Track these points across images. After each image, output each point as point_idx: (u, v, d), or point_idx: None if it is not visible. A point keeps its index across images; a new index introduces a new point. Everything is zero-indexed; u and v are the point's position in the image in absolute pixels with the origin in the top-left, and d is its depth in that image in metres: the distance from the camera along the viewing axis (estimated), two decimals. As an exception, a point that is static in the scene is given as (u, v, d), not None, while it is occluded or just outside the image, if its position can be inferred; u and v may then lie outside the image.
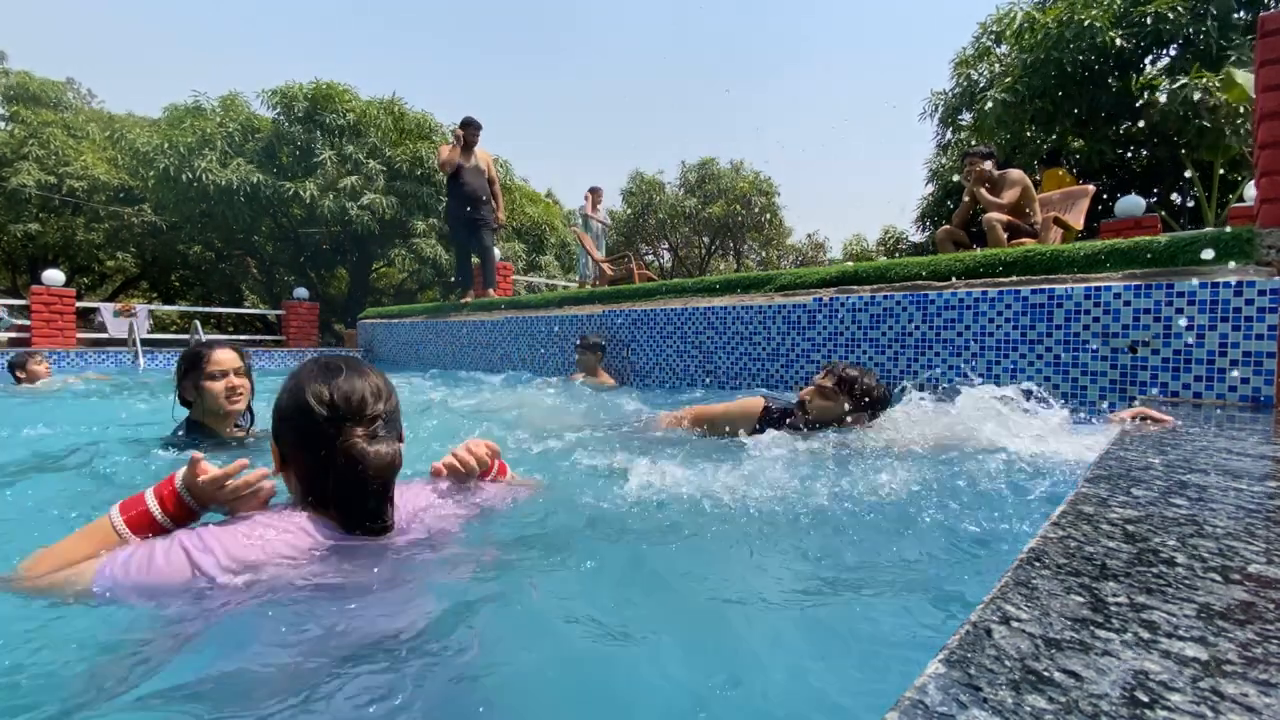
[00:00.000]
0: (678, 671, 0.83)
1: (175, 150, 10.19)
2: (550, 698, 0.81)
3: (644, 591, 1.09)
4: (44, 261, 13.93)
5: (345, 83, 11.52)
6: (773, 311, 4.00)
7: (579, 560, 1.14)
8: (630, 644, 0.90)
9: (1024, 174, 4.63)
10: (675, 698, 0.78)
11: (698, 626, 0.95)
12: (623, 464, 1.83)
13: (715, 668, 0.84)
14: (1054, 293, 2.91)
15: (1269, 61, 2.66)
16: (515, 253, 13.46)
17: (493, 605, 0.97)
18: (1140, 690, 0.41)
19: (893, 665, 0.85)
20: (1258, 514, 0.85)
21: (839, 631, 0.93)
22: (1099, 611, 0.53)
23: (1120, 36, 8.11)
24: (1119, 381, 2.74)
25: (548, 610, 1.00)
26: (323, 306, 12.01)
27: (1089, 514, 0.83)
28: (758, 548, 1.26)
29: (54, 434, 2.52)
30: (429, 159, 11.82)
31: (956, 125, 11.64)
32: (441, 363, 7.18)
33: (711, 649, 0.89)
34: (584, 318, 5.33)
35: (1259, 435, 1.62)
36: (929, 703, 0.39)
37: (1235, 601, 0.56)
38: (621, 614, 0.99)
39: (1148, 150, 9.47)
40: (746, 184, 20.38)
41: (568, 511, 1.44)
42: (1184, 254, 2.68)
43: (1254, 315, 2.44)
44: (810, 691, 0.80)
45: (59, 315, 7.83)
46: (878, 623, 0.96)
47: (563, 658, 0.87)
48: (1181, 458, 1.26)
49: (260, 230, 12.49)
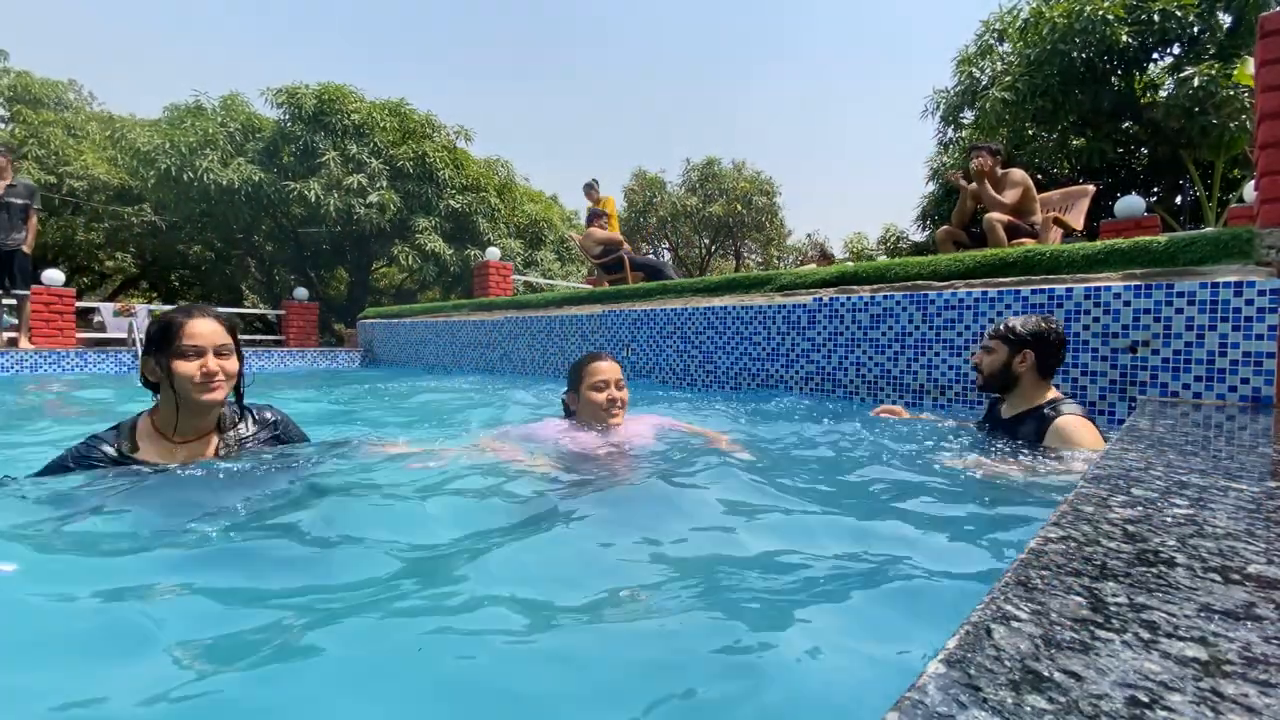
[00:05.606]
0: (677, 670, 0.83)
1: (176, 150, 10.19)
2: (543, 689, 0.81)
3: (639, 583, 1.09)
4: (43, 261, 13.92)
5: (352, 84, 11.59)
6: (773, 311, 4.00)
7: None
8: (626, 640, 0.91)
9: (1025, 174, 4.63)
10: (675, 697, 0.78)
11: (697, 626, 0.95)
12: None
13: (715, 667, 0.84)
14: (1054, 293, 2.91)
15: (1269, 61, 2.66)
16: (514, 250, 13.46)
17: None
18: (1140, 690, 0.41)
19: (893, 665, 0.85)
20: (1258, 514, 0.85)
21: (838, 631, 0.93)
22: (1099, 611, 0.53)
23: (1127, 33, 8.10)
24: (1119, 381, 2.73)
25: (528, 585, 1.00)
26: (323, 306, 12.02)
27: (1089, 514, 0.83)
28: (757, 548, 1.26)
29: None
30: (431, 158, 11.85)
31: (958, 123, 11.64)
32: (442, 363, 7.18)
33: (711, 648, 0.89)
34: (584, 317, 5.33)
35: (1259, 435, 1.62)
36: (929, 703, 0.39)
37: (1235, 601, 0.56)
38: (620, 610, 0.99)
39: (1149, 149, 9.47)
40: (748, 183, 20.39)
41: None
42: (1184, 254, 2.68)
43: (1254, 315, 2.44)
44: (810, 691, 0.80)
45: (58, 315, 7.83)
46: (878, 623, 0.96)
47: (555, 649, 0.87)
48: (1181, 458, 1.26)
49: (260, 230, 12.50)
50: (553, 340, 5.67)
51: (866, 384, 3.54)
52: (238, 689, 0.77)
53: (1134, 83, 8.65)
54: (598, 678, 0.84)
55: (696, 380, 4.43)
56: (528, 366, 5.94)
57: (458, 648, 0.87)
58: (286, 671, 0.81)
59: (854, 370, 3.59)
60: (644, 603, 1.03)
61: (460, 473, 1.78)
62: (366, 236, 12.08)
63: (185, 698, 0.74)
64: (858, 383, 3.57)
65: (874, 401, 3.47)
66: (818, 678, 0.83)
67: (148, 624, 0.90)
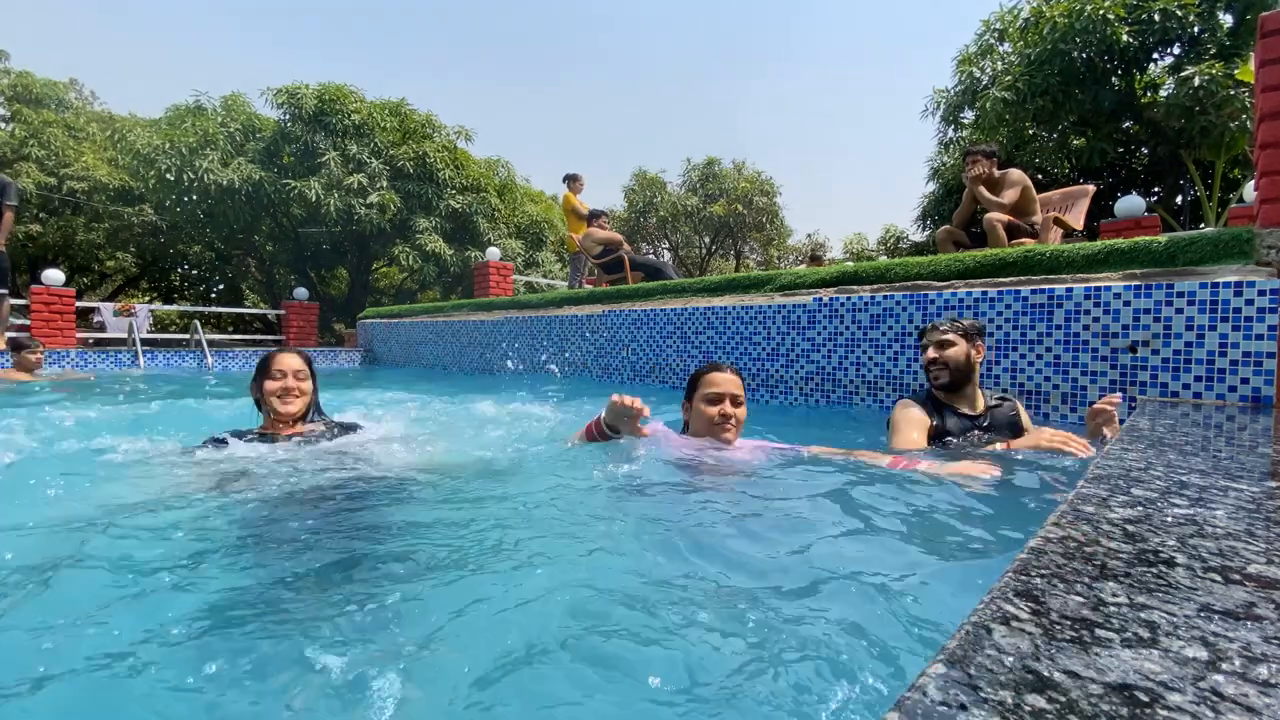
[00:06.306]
0: (675, 670, 0.83)
1: (177, 150, 10.20)
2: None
3: (641, 582, 1.09)
4: (44, 261, 13.93)
5: (352, 85, 11.59)
6: (773, 311, 4.00)
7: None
8: (623, 638, 0.91)
9: (1024, 174, 4.63)
10: (674, 697, 0.79)
11: (696, 624, 0.95)
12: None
13: (715, 666, 0.84)
14: (1054, 293, 2.91)
15: (1269, 61, 2.66)
16: (514, 250, 13.46)
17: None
18: (1140, 691, 0.41)
19: (893, 665, 0.85)
20: (1258, 514, 0.85)
21: (838, 631, 0.93)
22: (1099, 611, 0.53)
23: (1127, 33, 8.10)
24: (1119, 381, 2.73)
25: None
26: (323, 306, 12.02)
27: (1089, 514, 0.83)
28: (756, 547, 1.26)
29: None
30: (431, 158, 11.85)
31: (959, 123, 11.64)
32: (442, 363, 7.19)
33: (710, 647, 0.89)
34: (584, 318, 5.33)
35: (1259, 435, 1.62)
36: (929, 703, 0.39)
37: (1235, 601, 0.56)
38: (619, 606, 0.99)
39: (1149, 149, 9.47)
40: (748, 183, 20.38)
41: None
42: (1184, 254, 2.68)
43: (1254, 315, 2.44)
44: (810, 691, 0.80)
45: (59, 315, 7.84)
46: (878, 622, 0.96)
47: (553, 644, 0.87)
48: (1181, 458, 1.26)
49: (260, 230, 12.51)
50: (553, 340, 5.67)
51: (866, 384, 3.54)
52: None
53: (1134, 82, 8.64)
54: (596, 672, 0.84)
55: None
56: (528, 366, 5.94)
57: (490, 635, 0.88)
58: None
59: (854, 370, 3.59)
60: (658, 615, 1.03)
61: (527, 468, 1.83)
62: (366, 236, 12.09)
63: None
64: (858, 383, 3.57)
65: (874, 401, 3.47)
66: (818, 677, 0.83)
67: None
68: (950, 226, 4.90)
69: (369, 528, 1.40)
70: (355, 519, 1.46)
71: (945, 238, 4.87)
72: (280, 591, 1.07)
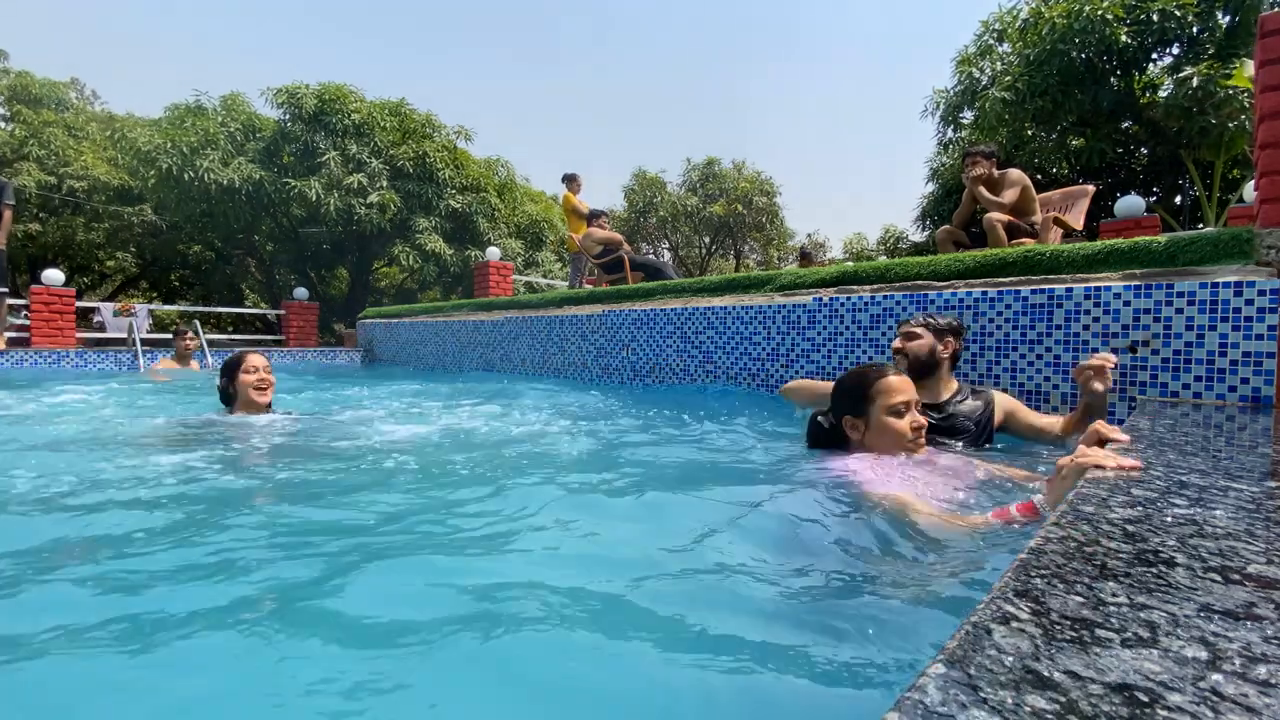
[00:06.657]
0: (675, 670, 0.83)
1: (177, 150, 10.19)
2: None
3: (640, 584, 1.09)
4: (44, 261, 13.92)
5: (352, 84, 11.58)
6: (773, 311, 4.00)
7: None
8: (621, 639, 0.91)
9: (1024, 174, 4.63)
10: (673, 696, 0.79)
11: (695, 624, 0.95)
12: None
13: (714, 666, 0.84)
14: (1054, 292, 2.91)
15: (1269, 61, 2.65)
16: (514, 250, 13.46)
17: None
18: (1140, 691, 0.41)
19: (893, 665, 0.85)
20: (1258, 514, 0.85)
21: (838, 631, 0.93)
22: (1099, 611, 0.53)
23: (1126, 33, 8.10)
24: (1119, 381, 2.73)
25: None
26: (323, 306, 12.01)
27: (1089, 514, 0.83)
28: (756, 547, 1.26)
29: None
30: (431, 158, 11.85)
31: (958, 123, 11.64)
32: (442, 363, 7.18)
33: (710, 648, 0.89)
34: (584, 317, 5.33)
35: (1259, 435, 1.62)
36: (929, 703, 0.39)
37: (1235, 601, 0.56)
38: (618, 608, 0.99)
39: (1148, 149, 9.47)
40: (748, 183, 20.38)
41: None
42: (1184, 254, 2.68)
43: (1254, 315, 2.44)
44: (810, 691, 0.80)
45: (59, 315, 7.83)
46: (877, 623, 0.96)
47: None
48: (1181, 458, 1.26)
49: (260, 230, 12.50)
50: (553, 340, 5.67)
51: (866, 384, 3.53)
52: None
53: (1133, 83, 8.64)
54: (594, 673, 0.84)
55: (697, 380, 4.43)
56: (528, 366, 5.94)
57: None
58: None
59: (854, 370, 3.58)
60: (638, 597, 1.02)
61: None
62: (367, 236, 12.08)
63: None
64: (858, 383, 3.57)
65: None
66: (818, 678, 0.83)
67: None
68: (950, 226, 4.90)
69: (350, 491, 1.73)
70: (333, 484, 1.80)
71: (945, 238, 4.87)
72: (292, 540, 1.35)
